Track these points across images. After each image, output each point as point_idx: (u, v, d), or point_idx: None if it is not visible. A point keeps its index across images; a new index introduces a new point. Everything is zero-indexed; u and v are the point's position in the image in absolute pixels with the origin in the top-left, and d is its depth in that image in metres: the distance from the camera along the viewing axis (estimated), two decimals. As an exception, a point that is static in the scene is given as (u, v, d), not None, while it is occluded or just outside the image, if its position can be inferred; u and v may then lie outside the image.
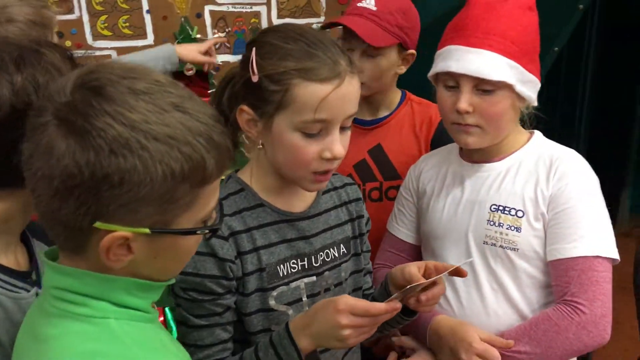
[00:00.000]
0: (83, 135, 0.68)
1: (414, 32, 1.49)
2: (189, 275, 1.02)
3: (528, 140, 1.27)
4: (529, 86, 1.20)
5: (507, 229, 1.22)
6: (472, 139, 1.22)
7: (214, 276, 1.03)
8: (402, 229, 1.39)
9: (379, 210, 1.48)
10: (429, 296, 1.05)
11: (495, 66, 1.17)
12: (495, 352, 1.15)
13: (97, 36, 2.10)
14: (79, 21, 2.09)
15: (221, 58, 2.21)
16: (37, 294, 0.96)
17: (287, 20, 2.28)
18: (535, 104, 1.24)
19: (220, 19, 2.20)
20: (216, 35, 2.19)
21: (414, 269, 1.07)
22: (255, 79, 0.99)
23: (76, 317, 0.75)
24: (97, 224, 0.71)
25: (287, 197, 1.11)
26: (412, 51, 1.49)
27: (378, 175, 1.55)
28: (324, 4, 2.31)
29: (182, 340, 1.05)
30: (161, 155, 0.69)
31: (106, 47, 2.13)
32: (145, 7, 2.13)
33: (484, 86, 1.18)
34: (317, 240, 1.12)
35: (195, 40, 2.17)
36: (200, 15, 2.19)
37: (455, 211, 1.28)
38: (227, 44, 2.23)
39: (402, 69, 1.51)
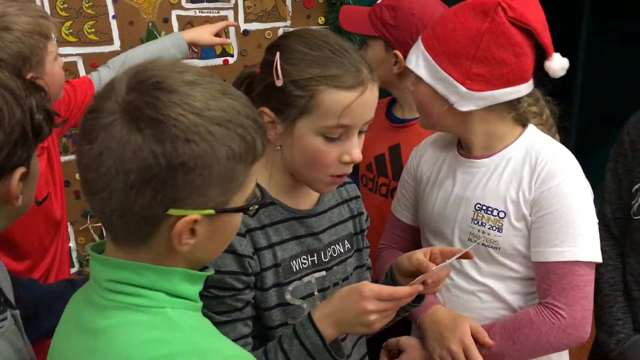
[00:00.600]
0: (157, 126, 0.72)
1: (401, 32, 1.51)
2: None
3: (520, 135, 1.28)
4: (443, 84, 1.22)
5: (489, 228, 1.26)
6: (420, 120, 1.34)
7: (233, 272, 1.06)
8: (403, 212, 1.45)
9: (383, 205, 1.52)
10: (435, 279, 1.10)
11: (416, 57, 1.24)
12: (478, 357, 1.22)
13: (61, 42, 2.06)
14: (42, 27, 2.04)
15: (188, 62, 2.20)
16: (12, 315, 0.97)
17: (254, 24, 2.29)
18: (455, 105, 1.23)
19: (187, 24, 2.20)
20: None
21: (420, 255, 1.11)
22: (279, 83, 1.03)
23: (133, 308, 0.77)
24: (171, 211, 0.74)
25: (296, 196, 1.15)
26: (396, 52, 1.52)
27: (389, 172, 1.59)
28: (290, 8, 2.34)
29: None
30: (223, 138, 0.75)
31: (71, 54, 2.08)
32: (112, 12, 2.11)
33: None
34: (324, 237, 1.17)
35: (162, 45, 2.16)
36: (167, 20, 2.17)
37: (445, 205, 1.32)
38: (195, 49, 2.22)
39: (396, 70, 1.55)
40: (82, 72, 2.11)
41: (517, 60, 1.20)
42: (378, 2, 1.56)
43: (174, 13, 2.18)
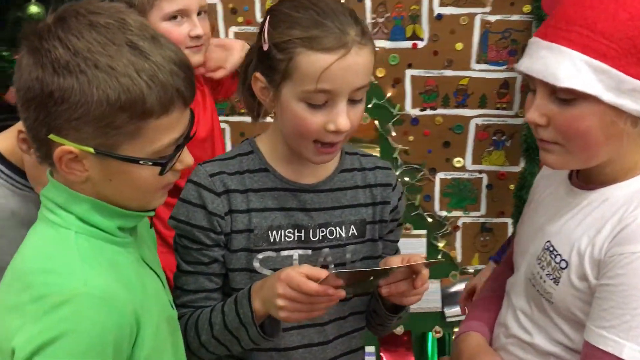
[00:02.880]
0: (35, 53, 0.82)
1: None
2: (181, 222, 1.09)
3: None
4: (633, 97, 0.94)
5: (547, 275, 1.04)
6: (552, 157, 1.02)
7: (202, 227, 1.08)
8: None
9: None
10: (391, 289, 1.03)
11: (570, 68, 0.93)
12: None
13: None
14: (250, -1, 2.22)
15: (377, 44, 2.22)
16: None
17: (449, 8, 2.21)
18: None
19: (380, 4, 2.21)
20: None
21: (395, 258, 1.06)
22: (265, 47, 1.01)
23: (49, 223, 0.90)
24: (51, 136, 0.83)
25: (297, 167, 1.11)
26: None
27: None
28: (491, -7, 2.20)
29: (174, 282, 1.14)
30: (98, 81, 0.80)
31: (270, 26, 2.24)
32: (313, -13, 2.20)
33: (559, 93, 0.97)
34: (319, 215, 1.11)
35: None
36: (361, 0, 2.21)
37: (527, 232, 1.15)
38: (385, 29, 2.22)
39: None
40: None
41: None
42: None
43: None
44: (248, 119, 1.22)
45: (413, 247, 2.42)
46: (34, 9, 1.94)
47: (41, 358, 0.80)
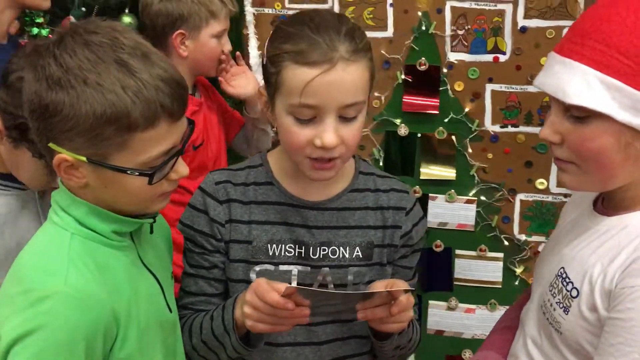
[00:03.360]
0: (34, 69, 0.90)
1: None
2: (186, 226, 1.13)
3: None
4: None
5: (557, 303, 0.97)
6: (568, 177, 0.98)
7: (204, 233, 1.11)
8: None
9: None
10: (367, 314, 0.99)
11: (583, 84, 0.89)
12: None
13: (343, 26, 2.24)
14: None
15: (456, 56, 2.16)
16: None
17: (534, 21, 2.10)
18: None
19: (460, 16, 2.14)
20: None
21: (379, 283, 1.03)
22: (264, 61, 1.04)
23: (51, 222, 0.99)
24: (50, 144, 0.92)
25: (303, 183, 1.11)
26: None
27: None
28: (582, 5, 2.06)
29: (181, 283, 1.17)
30: (86, 96, 0.87)
31: (349, 37, 2.25)
32: (389, 0, 2.19)
33: (573, 110, 0.91)
34: (321, 233, 1.09)
35: (431, 36, 2.16)
36: (440, 11, 2.15)
37: (544, 257, 1.07)
38: (465, 42, 2.15)
39: None
40: (356, 54, 2.27)
41: None
42: None
43: (449, 4, 2.14)
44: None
45: (488, 270, 2.31)
46: (127, 19, 2.09)
47: (19, 347, 0.87)
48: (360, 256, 1.13)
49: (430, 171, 2.27)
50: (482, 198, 2.25)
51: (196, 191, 1.15)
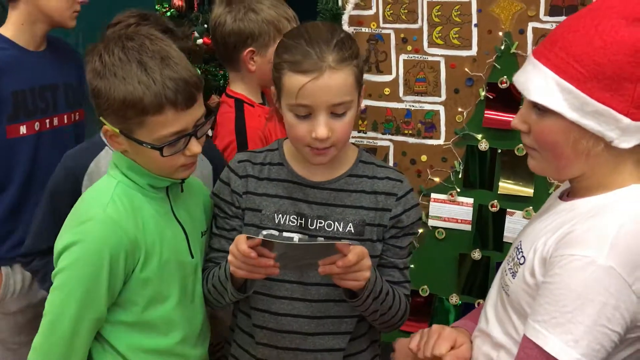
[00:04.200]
0: (88, 62, 1.23)
1: None
2: (215, 195, 1.37)
3: (622, 187, 1.05)
4: (596, 119, 1.00)
5: (509, 269, 1.10)
6: (533, 162, 1.12)
7: (226, 201, 1.35)
8: None
9: None
10: (325, 269, 1.16)
11: (543, 85, 1.02)
12: None
13: (431, 44, 2.39)
14: (419, 30, 2.40)
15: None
16: None
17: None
18: (615, 142, 1.00)
19: (542, 37, 2.19)
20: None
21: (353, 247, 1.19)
22: (270, 67, 1.27)
23: (107, 174, 1.31)
24: (101, 117, 1.20)
25: (309, 166, 1.32)
26: None
27: None
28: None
29: None
30: (115, 86, 1.16)
31: (436, 54, 2.39)
32: (474, 21, 2.30)
33: (538, 105, 1.05)
34: (319, 209, 1.30)
35: (513, 55, 2.24)
36: (522, 32, 2.23)
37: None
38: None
39: None
40: (442, 70, 2.40)
41: None
42: None
43: (530, 25, 2.21)
44: (411, 139, 1.71)
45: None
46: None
47: (66, 254, 1.22)
48: (353, 231, 1.31)
49: (509, 186, 2.33)
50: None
51: (225, 168, 1.42)
